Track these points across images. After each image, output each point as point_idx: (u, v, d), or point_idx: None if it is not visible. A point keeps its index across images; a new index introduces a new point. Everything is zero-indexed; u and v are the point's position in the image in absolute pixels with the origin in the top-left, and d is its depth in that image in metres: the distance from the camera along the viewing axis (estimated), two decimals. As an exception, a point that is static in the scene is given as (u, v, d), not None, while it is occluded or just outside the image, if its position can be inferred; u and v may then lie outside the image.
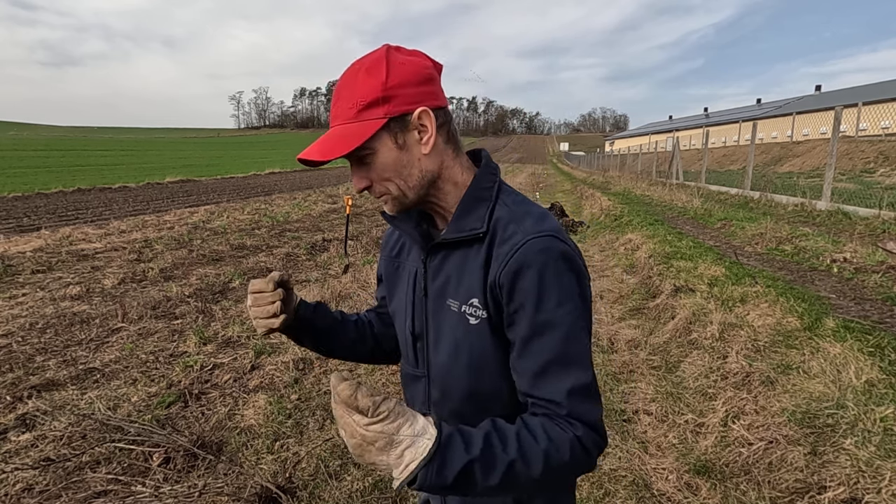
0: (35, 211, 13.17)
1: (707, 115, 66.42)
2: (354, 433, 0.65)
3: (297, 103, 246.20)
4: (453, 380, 0.88)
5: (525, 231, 0.79)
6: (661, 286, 5.03)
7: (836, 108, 8.47)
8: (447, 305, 0.86)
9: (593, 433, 0.75)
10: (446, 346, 0.87)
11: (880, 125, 18.82)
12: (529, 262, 0.76)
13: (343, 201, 9.63)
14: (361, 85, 0.78)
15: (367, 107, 0.78)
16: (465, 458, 0.66)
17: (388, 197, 0.85)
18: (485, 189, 0.86)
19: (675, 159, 17.92)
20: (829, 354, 2.83)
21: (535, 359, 0.77)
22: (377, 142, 0.79)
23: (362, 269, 6.45)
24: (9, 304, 5.27)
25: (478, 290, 0.81)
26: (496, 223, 0.82)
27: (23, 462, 2.55)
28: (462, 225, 0.84)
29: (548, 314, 0.76)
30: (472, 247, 0.83)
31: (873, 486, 1.96)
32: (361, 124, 0.78)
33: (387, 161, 0.81)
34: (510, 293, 0.77)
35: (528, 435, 0.72)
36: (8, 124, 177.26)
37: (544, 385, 0.76)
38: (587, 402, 0.76)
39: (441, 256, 0.88)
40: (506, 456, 0.68)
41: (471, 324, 0.83)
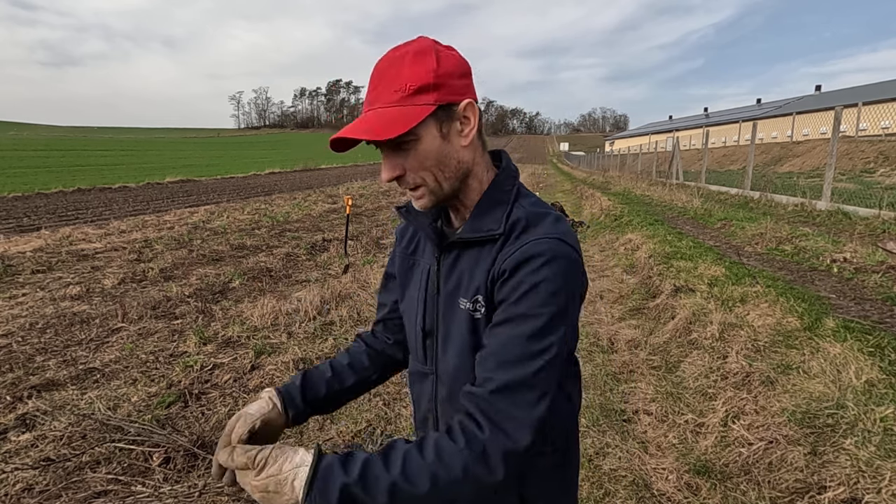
0: (35, 211, 13.17)
1: (707, 115, 66.44)
2: (253, 488, 0.72)
3: (297, 103, 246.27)
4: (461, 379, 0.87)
5: (536, 233, 0.79)
6: (661, 286, 5.03)
7: (836, 108, 8.47)
8: (458, 304, 0.86)
9: (503, 437, 0.71)
10: (456, 345, 0.87)
11: (880, 125, 18.83)
12: (530, 257, 0.76)
13: (343, 201, 9.63)
14: (410, 70, 0.77)
15: (416, 92, 0.76)
16: (341, 481, 0.69)
17: (423, 189, 0.83)
18: (505, 191, 0.86)
19: (675, 159, 17.92)
20: (829, 354, 2.83)
21: (495, 342, 0.76)
22: (423, 128, 0.78)
23: (362, 269, 6.45)
24: (9, 304, 5.27)
25: (483, 285, 0.82)
26: (513, 225, 0.82)
27: (23, 462, 2.55)
28: (479, 225, 0.84)
29: (527, 308, 0.75)
30: (485, 247, 0.84)
31: (873, 486, 1.96)
32: (410, 108, 0.76)
33: (429, 149, 0.79)
34: (504, 283, 0.78)
35: (416, 454, 0.71)
36: (8, 124, 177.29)
37: (487, 365, 0.76)
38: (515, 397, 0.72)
39: (455, 255, 0.88)
40: (387, 477, 0.69)
41: (476, 319, 0.84)
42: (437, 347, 0.92)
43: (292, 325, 4.57)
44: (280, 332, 4.41)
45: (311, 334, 4.40)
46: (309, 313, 4.80)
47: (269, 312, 4.78)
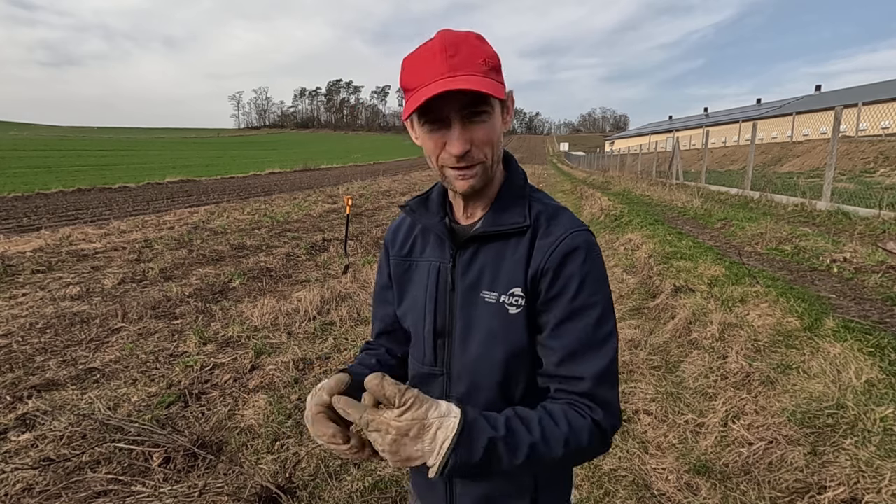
0: (35, 211, 13.16)
1: (707, 115, 66.42)
2: (389, 428, 0.67)
3: (297, 103, 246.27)
4: (484, 373, 0.87)
5: (566, 226, 0.84)
6: (661, 286, 5.03)
7: (836, 108, 8.47)
8: (481, 298, 0.86)
9: (611, 416, 0.79)
10: (479, 338, 0.87)
11: (880, 125, 18.83)
12: (573, 251, 0.82)
13: (343, 201, 9.63)
14: (483, 48, 0.79)
15: (493, 69, 0.79)
16: (489, 434, 0.70)
17: (480, 168, 0.83)
18: (520, 187, 0.90)
19: (675, 159, 17.92)
20: (829, 354, 2.83)
21: (568, 339, 0.81)
22: (496, 105, 0.81)
23: (362, 269, 6.45)
24: (9, 304, 5.27)
25: (520, 279, 0.83)
26: (537, 218, 0.86)
27: (23, 462, 2.55)
28: (502, 219, 0.86)
29: (584, 299, 0.81)
30: (509, 240, 0.86)
31: (873, 486, 1.96)
32: (493, 82, 0.78)
33: (496, 126, 0.82)
34: (553, 279, 0.82)
35: (549, 420, 0.76)
36: (8, 124, 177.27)
37: (572, 365, 0.81)
38: (608, 385, 0.80)
39: (473, 250, 0.88)
40: (529, 437, 0.73)
41: (510, 313, 0.84)
42: (452, 346, 0.90)
43: (292, 325, 4.57)
44: (280, 332, 4.41)
45: (311, 334, 4.40)
46: (309, 313, 4.80)
47: (269, 312, 4.78)
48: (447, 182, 0.87)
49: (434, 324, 0.92)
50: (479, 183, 0.84)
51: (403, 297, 0.99)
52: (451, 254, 0.90)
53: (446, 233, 0.90)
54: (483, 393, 0.89)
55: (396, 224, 1.06)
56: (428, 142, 0.82)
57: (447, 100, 0.76)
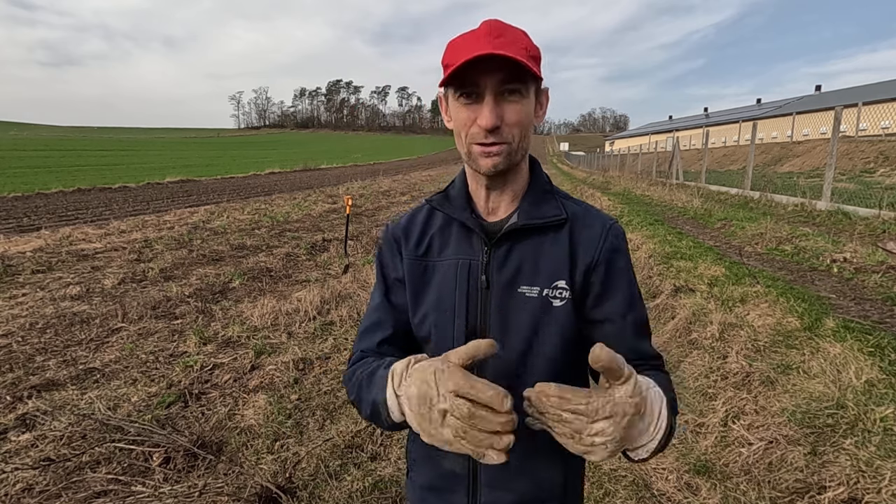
0: (35, 211, 13.16)
1: (707, 115, 66.41)
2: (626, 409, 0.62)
3: (297, 103, 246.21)
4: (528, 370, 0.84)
5: (602, 219, 0.90)
6: (661, 286, 5.03)
7: (836, 108, 8.47)
8: (520, 293, 0.85)
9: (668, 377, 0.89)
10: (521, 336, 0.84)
11: (880, 125, 18.83)
12: (619, 244, 0.88)
13: (343, 201, 9.63)
14: (525, 38, 0.82)
15: (532, 57, 0.81)
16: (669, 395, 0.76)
17: (506, 147, 0.82)
18: (547, 183, 0.94)
19: (675, 159, 17.92)
20: (829, 354, 2.83)
21: (635, 326, 0.87)
22: (531, 89, 0.83)
23: (362, 269, 6.45)
24: (9, 304, 5.27)
25: (564, 272, 0.85)
26: (574, 213, 0.89)
27: (23, 462, 2.55)
28: (539, 212, 0.87)
29: (635, 288, 0.89)
30: (547, 234, 0.87)
31: (873, 486, 1.96)
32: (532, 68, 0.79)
33: (529, 110, 0.83)
34: (608, 272, 0.86)
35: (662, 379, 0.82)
36: (8, 124, 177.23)
37: (643, 346, 0.88)
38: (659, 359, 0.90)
39: (508, 246, 0.86)
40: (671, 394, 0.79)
41: (555, 306, 0.85)
42: None
43: (292, 325, 4.57)
44: (280, 332, 4.41)
45: (311, 334, 4.40)
46: (309, 313, 4.80)
47: (269, 312, 4.78)
48: (472, 161, 0.84)
49: (466, 324, 0.86)
50: (503, 164, 0.82)
51: (421, 302, 0.91)
52: (486, 249, 0.86)
53: (479, 227, 0.87)
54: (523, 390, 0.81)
55: (405, 221, 0.97)
56: (460, 114, 0.82)
57: (484, 72, 0.77)
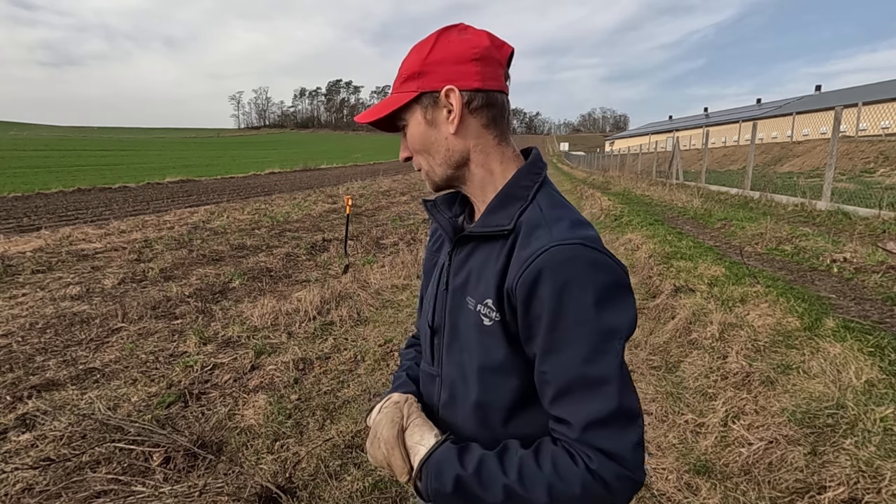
0: (35, 211, 13.16)
1: (707, 115, 66.41)
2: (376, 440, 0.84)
3: (297, 103, 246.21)
4: (463, 384, 0.84)
5: (552, 237, 0.72)
6: (661, 286, 5.03)
7: (836, 108, 8.47)
8: (465, 302, 0.83)
9: (615, 465, 0.68)
10: (461, 345, 0.84)
11: (880, 125, 18.84)
12: (549, 270, 0.69)
13: (343, 201, 9.63)
14: (408, 59, 0.82)
15: (406, 79, 0.81)
16: (455, 472, 0.74)
17: (423, 173, 0.87)
18: (522, 187, 0.81)
19: (675, 159, 17.92)
20: (829, 354, 2.83)
21: (553, 377, 0.71)
22: (409, 114, 0.83)
23: (362, 269, 6.45)
24: (9, 304, 5.27)
25: (492, 290, 0.77)
26: (523, 224, 0.77)
27: (23, 462, 2.55)
28: (490, 220, 0.80)
29: (565, 331, 0.69)
30: (496, 244, 0.80)
31: (873, 486, 1.96)
32: (397, 95, 0.82)
33: (415, 134, 0.83)
34: (526, 302, 0.72)
35: (532, 462, 0.71)
36: (8, 124, 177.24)
37: (560, 406, 0.72)
38: (607, 431, 0.68)
39: (467, 251, 0.85)
40: (503, 479, 0.71)
41: (485, 325, 0.78)
42: (443, 347, 0.88)
43: (292, 325, 4.57)
44: (280, 332, 4.41)
45: (311, 334, 4.40)
46: (309, 313, 4.80)
47: (269, 312, 4.78)
48: None
49: (432, 321, 0.91)
50: (431, 186, 0.87)
51: (424, 292, 1.01)
52: (449, 252, 0.88)
53: (450, 230, 0.88)
54: (459, 408, 0.84)
55: None
56: None
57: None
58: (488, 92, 0.80)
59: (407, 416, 0.85)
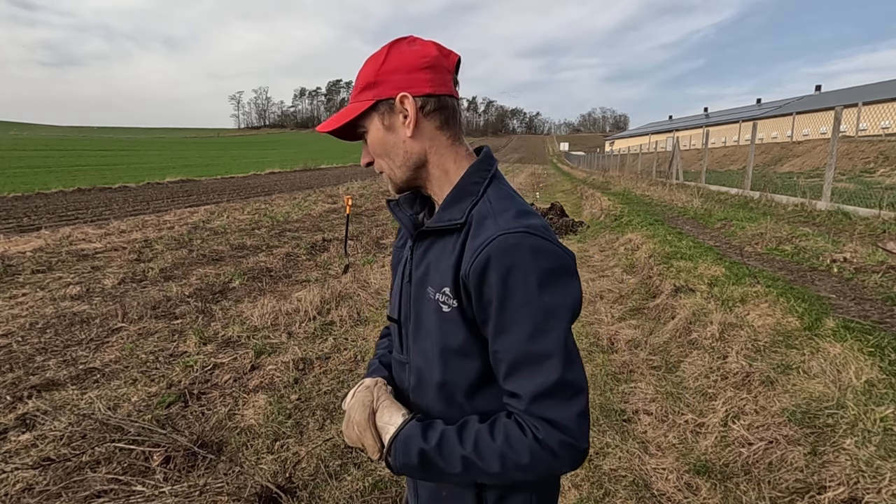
0: (35, 211, 13.16)
1: (707, 115, 66.40)
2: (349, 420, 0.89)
3: (297, 103, 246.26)
4: (428, 368, 0.90)
5: (498, 226, 0.78)
6: (661, 286, 5.03)
7: (836, 108, 8.47)
8: (426, 293, 0.89)
9: (560, 434, 0.74)
10: (424, 333, 0.90)
11: (880, 125, 18.83)
12: (496, 257, 0.76)
13: (343, 201, 9.63)
14: (364, 70, 0.88)
15: (363, 89, 0.87)
16: (419, 446, 0.80)
17: (385, 175, 0.92)
18: (474, 183, 0.87)
19: (675, 159, 17.92)
20: (829, 354, 2.83)
21: (504, 356, 0.79)
22: (367, 121, 0.88)
23: (362, 269, 6.45)
24: (9, 304, 5.27)
25: (449, 279, 0.83)
26: (474, 216, 0.84)
27: (23, 462, 2.55)
28: (444, 215, 0.87)
29: (512, 313, 0.76)
30: (451, 236, 0.86)
31: (873, 486, 1.96)
32: (354, 105, 0.88)
33: (374, 139, 0.89)
34: (478, 288, 0.78)
35: (486, 435, 0.79)
36: (8, 124, 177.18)
37: (511, 381, 0.79)
38: (552, 402, 0.75)
39: (426, 245, 0.91)
40: (461, 450, 0.79)
41: (443, 311, 0.85)
42: (409, 337, 0.94)
43: (292, 325, 4.57)
44: (280, 332, 4.41)
45: (311, 334, 4.40)
46: (309, 313, 4.80)
47: (269, 312, 4.78)
48: None
49: (398, 313, 0.97)
50: (392, 188, 0.93)
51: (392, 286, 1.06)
52: (410, 246, 0.94)
53: (410, 226, 0.94)
54: (427, 390, 0.91)
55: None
56: None
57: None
58: (439, 96, 0.86)
59: (377, 398, 0.91)
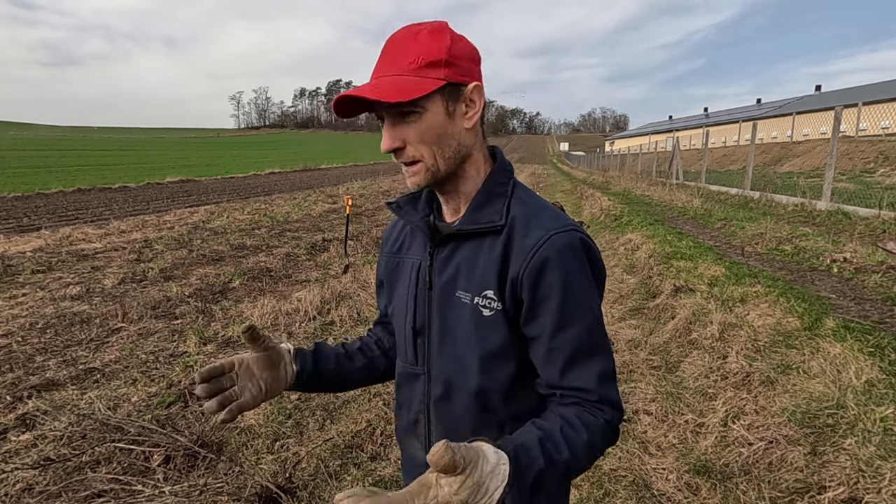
0: (35, 211, 13.16)
1: (707, 115, 66.38)
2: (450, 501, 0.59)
3: (297, 103, 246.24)
4: (461, 377, 0.86)
5: (546, 227, 0.79)
6: (661, 286, 5.03)
7: (836, 108, 8.47)
8: (457, 297, 0.85)
9: (619, 413, 0.81)
10: (456, 339, 0.86)
11: (880, 125, 18.82)
12: (555, 256, 0.77)
13: (343, 201, 9.62)
14: (425, 43, 0.77)
15: (428, 65, 0.77)
16: (536, 469, 0.69)
17: (421, 165, 0.81)
18: (500, 184, 0.86)
19: (675, 159, 17.92)
20: (829, 354, 2.83)
21: (564, 350, 0.79)
22: (430, 102, 0.78)
23: (362, 269, 6.45)
24: (9, 304, 5.27)
25: (493, 282, 0.81)
26: (514, 217, 0.82)
27: (23, 462, 2.55)
28: (478, 217, 0.83)
29: (574, 307, 0.78)
30: (485, 239, 0.83)
31: (873, 486, 1.96)
32: (420, 80, 0.76)
33: (433, 124, 0.78)
34: (534, 287, 0.78)
35: (570, 431, 0.76)
36: (8, 124, 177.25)
37: (574, 375, 0.79)
38: (612, 386, 0.81)
39: (450, 248, 0.87)
40: (561, 457, 0.73)
41: (484, 315, 0.82)
42: (430, 345, 0.90)
43: (292, 325, 4.57)
44: (280, 332, 4.41)
45: (311, 334, 4.40)
46: (309, 313, 4.80)
47: (269, 312, 4.78)
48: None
49: (413, 322, 0.91)
50: (423, 181, 0.82)
51: (392, 295, 1.00)
52: (429, 251, 0.89)
53: (427, 230, 0.89)
54: (459, 397, 0.87)
55: (394, 222, 1.06)
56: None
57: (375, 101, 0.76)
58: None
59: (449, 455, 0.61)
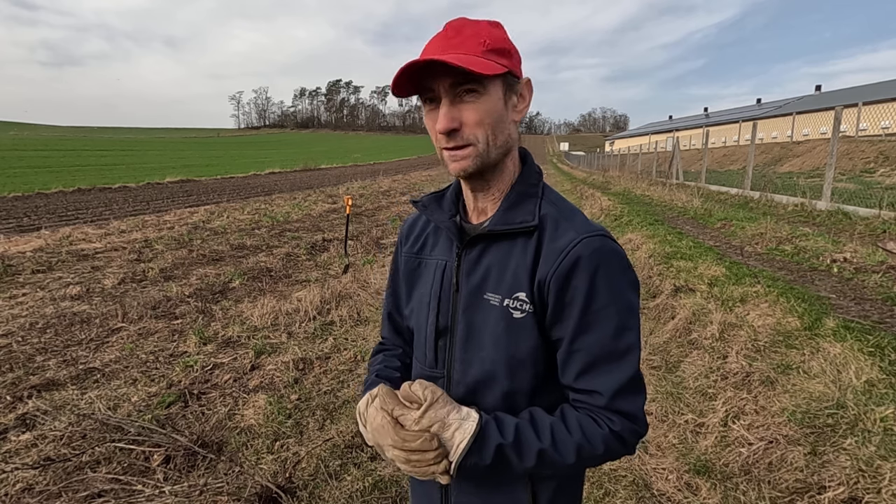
0: (35, 211, 13.16)
1: (707, 115, 66.39)
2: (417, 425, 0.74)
3: (297, 103, 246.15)
4: (488, 379, 0.85)
5: (577, 230, 0.79)
6: (661, 286, 5.02)
7: (836, 108, 8.47)
8: (485, 300, 0.84)
9: (632, 424, 0.79)
10: (482, 342, 0.84)
11: (880, 125, 18.82)
12: (584, 260, 0.77)
13: (343, 201, 9.62)
14: (488, 31, 0.79)
15: (493, 51, 0.77)
16: (497, 441, 0.75)
17: (472, 149, 0.79)
18: (532, 185, 0.86)
19: (675, 159, 17.92)
20: (829, 354, 2.83)
21: (582, 354, 0.79)
22: (492, 85, 0.77)
23: (362, 269, 6.45)
24: (9, 304, 5.27)
25: (525, 284, 0.81)
26: (545, 219, 0.82)
27: (23, 462, 2.55)
28: (511, 217, 0.83)
29: (597, 311, 0.78)
30: (516, 240, 0.83)
31: (873, 486, 1.96)
32: (488, 62, 0.75)
33: (491, 107, 0.78)
34: (561, 290, 0.78)
35: (562, 427, 0.78)
36: (8, 124, 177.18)
37: (586, 379, 0.79)
38: (629, 396, 0.79)
39: (479, 249, 0.85)
40: (538, 444, 0.76)
41: (514, 318, 0.81)
42: (453, 348, 0.88)
43: (292, 325, 4.57)
44: (280, 332, 4.41)
45: (311, 334, 4.40)
46: (309, 313, 4.80)
47: (269, 312, 4.78)
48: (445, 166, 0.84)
49: (436, 323, 0.89)
50: (471, 166, 0.80)
51: (411, 296, 0.98)
52: (457, 252, 0.87)
53: (455, 230, 0.88)
54: (484, 399, 0.86)
55: (412, 219, 1.04)
56: (428, 121, 0.81)
57: (435, 76, 0.75)
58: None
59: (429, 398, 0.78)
